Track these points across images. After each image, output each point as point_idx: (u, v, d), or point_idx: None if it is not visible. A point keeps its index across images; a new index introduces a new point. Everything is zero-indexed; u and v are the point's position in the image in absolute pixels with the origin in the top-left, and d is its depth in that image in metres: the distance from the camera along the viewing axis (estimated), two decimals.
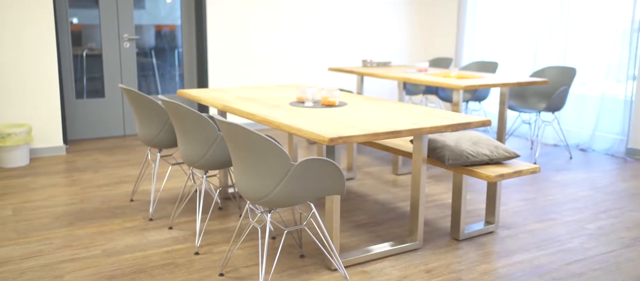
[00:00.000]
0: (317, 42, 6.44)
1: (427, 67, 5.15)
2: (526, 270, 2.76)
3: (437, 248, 3.01)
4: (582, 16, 5.33)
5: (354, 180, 4.31)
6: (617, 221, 3.43)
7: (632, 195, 3.96)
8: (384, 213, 3.56)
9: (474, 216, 3.52)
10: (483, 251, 2.99)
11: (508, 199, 3.87)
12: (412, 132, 2.55)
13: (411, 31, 7.03)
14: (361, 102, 3.35)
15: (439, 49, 7.01)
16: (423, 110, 3.06)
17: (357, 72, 5.21)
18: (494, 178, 2.85)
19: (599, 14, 5.19)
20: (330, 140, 2.31)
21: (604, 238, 3.16)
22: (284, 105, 3.18)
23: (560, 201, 3.84)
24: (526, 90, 5.28)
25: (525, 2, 5.86)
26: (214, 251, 2.93)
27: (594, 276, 2.70)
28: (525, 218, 3.48)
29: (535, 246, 3.05)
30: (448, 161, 2.97)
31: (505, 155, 3.06)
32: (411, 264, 2.82)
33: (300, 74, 6.38)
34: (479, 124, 2.80)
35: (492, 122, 6.34)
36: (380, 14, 6.77)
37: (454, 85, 4.20)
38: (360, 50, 6.73)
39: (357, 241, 3.10)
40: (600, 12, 5.19)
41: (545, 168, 4.70)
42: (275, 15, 6.14)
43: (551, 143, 5.67)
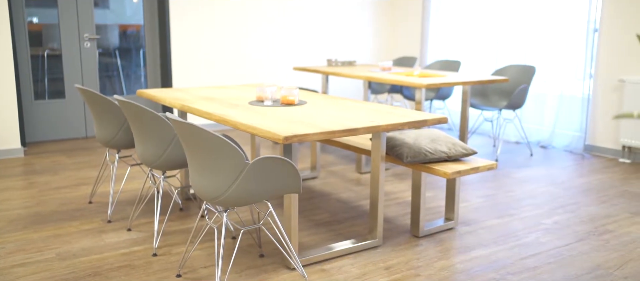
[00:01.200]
0: (283, 41, 6.43)
1: (390, 66, 5.18)
2: (483, 265, 2.80)
3: (397, 245, 3.03)
4: (542, 16, 5.44)
5: (317, 178, 4.32)
6: (573, 216, 3.51)
7: (588, 190, 4.05)
8: (345, 211, 3.57)
9: (435, 213, 3.55)
10: (442, 247, 3.02)
11: (469, 196, 3.92)
12: (369, 129, 2.56)
13: (377, 30, 7.08)
14: (321, 100, 3.35)
15: (404, 48, 7.07)
16: (381, 108, 3.08)
17: (321, 71, 5.21)
18: (451, 175, 2.88)
19: (559, 14, 5.30)
20: (284, 138, 2.30)
21: (559, 233, 3.23)
22: (244, 104, 3.16)
23: (519, 197, 3.90)
24: (488, 88, 5.36)
25: (489, 2, 5.95)
26: (172, 252, 2.90)
27: (548, 270, 2.75)
28: (484, 215, 3.53)
29: (493, 242, 3.10)
30: (406, 158, 2.99)
31: (462, 152, 3.10)
32: (370, 261, 2.83)
33: (265, 73, 6.36)
34: (436, 122, 2.83)
35: (455, 120, 6.42)
36: (346, 13, 6.79)
37: (415, 83, 4.24)
38: (326, 50, 6.75)
39: (317, 239, 3.10)
40: (559, 12, 5.29)
41: (506, 165, 4.78)
42: (240, 15, 6.11)
43: (513, 141, 5.77)
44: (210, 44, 6.00)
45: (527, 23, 5.56)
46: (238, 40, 6.15)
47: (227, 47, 6.09)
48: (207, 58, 6.00)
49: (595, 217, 3.49)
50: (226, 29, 6.05)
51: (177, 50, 5.83)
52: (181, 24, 5.80)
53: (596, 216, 3.51)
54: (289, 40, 6.46)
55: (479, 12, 6.06)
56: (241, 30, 6.15)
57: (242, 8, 6.10)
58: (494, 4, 5.88)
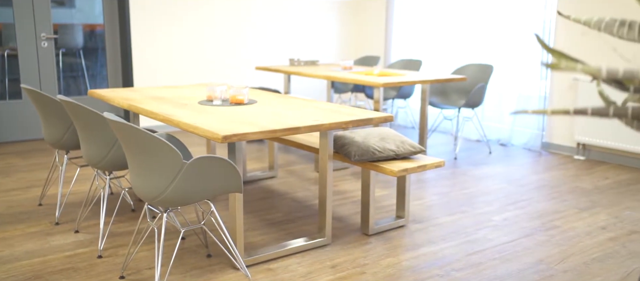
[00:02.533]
0: (246, 41, 6.41)
1: (351, 65, 5.20)
2: (429, 262, 2.83)
3: (346, 244, 3.05)
4: (501, 16, 5.51)
5: (275, 178, 4.31)
6: (522, 213, 3.56)
7: (541, 187, 4.12)
8: (299, 210, 3.58)
9: (389, 211, 3.58)
10: (390, 245, 3.04)
11: (425, 193, 3.96)
12: (311, 128, 2.57)
13: (341, 30, 7.10)
14: (272, 100, 3.35)
15: (368, 48, 7.10)
16: (330, 108, 3.09)
17: (283, 71, 5.21)
18: (397, 173, 2.91)
19: (517, 14, 5.38)
20: (223, 138, 2.30)
21: (507, 229, 3.28)
22: (193, 104, 3.14)
23: (473, 194, 3.95)
24: (447, 87, 5.41)
25: (450, 3, 6.01)
26: (118, 254, 2.87)
27: (491, 265, 2.79)
28: (437, 212, 3.57)
29: (441, 239, 3.13)
30: (354, 157, 3.01)
31: (411, 150, 3.12)
32: (317, 260, 2.84)
33: (227, 73, 6.34)
34: (382, 120, 2.85)
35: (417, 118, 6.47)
36: (310, 12, 6.80)
37: (373, 82, 4.26)
38: (291, 49, 6.74)
39: (268, 239, 3.10)
40: (517, 12, 5.37)
41: (464, 163, 4.84)
42: (202, 14, 6.07)
43: (474, 139, 5.83)
44: (172, 44, 5.95)
45: (486, 23, 5.63)
46: (200, 40, 6.11)
47: (189, 47, 6.05)
48: (168, 57, 5.95)
49: (543, 213, 3.55)
50: (188, 28, 6.01)
51: (138, 49, 5.77)
52: (142, 23, 5.75)
53: (545, 212, 3.57)
54: (252, 40, 6.45)
55: (442, 12, 6.11)
56: (203, 30, 6.11)
57: (204, 7, 6.07)
58: (455, 4, 5.94)
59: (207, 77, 6.21)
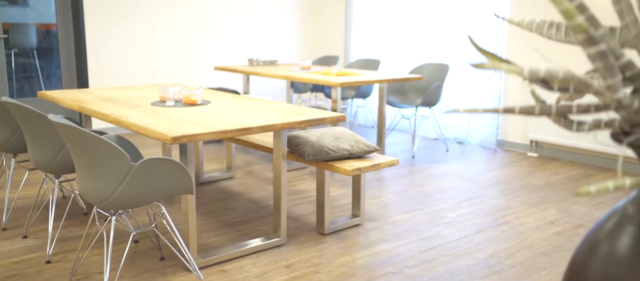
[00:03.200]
0: (204, 41, 6.35)
1: (310, 65, 5.21)
2: (383, 260, 2.86)
3: (301, 244, 3.05)
4: (457, 15, 5.60)
5: (233, 179, 4.29)
6: (476, 209, 3.63)
7: (495, 184, 4.21)
8: (256, 211, 3.57)
9: (344, 210, 3.60)
10: (345, 243, 3.06)
11: (382, 192, 3.99)
12: (263, 128, 2.56)
13: (301, 30, 7.10)
14: (226, 100, 3.33)
15: (328, 47, 7.13)
16: (284, 108, 3.09)
17: (241, 71, 5.19)
18: (351, 172, 2.93)
19: (473, 14, 5.48)
20: (173, 139, 2.27)
21: (460, 226, 3.34)
22: (145, 104, 3.10)
23: (429, 192, 4.01)
24: (405, 86, 5.48)
25: (409, 2, 6.08)
26: (68, 259, 2.81)
27: (443, 262, 2.84)
28: (393, 210, 3.61)
29: (396, 237, 3.17)
30: (308, 156, 3.02)
31: (365, 149, 3.15)
32: (272, 260, 2.84)
33: (186, 74, 6.27)
34: (334, 120, 2.87)
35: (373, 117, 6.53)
36: (270, 12, 6.78)
37: (330, 82, 4.28)
38: (251, 49, 6.71)
39: (223, 240, 3.08)
40: (472, 12, 5.47)
41: (422, 161, 4.90)
42: (159, 13, 5.99)
43: (432, 138, 5.92)
44: (128, 44, 5.85)
45: (443, 23, 5.72)
46: (158, 40, 6.03)
47: (146, 47, 5.97)
48: (125, 58, 5.85)
49: (496, 209, 3.63)
50: (145, 27, 5.92)
51: (92, 49, 5.65)
52: (96, 22, 5.64)
53: (497, 208, 3.65)
54: (211, 40, 6.39)
55: (400, 12, 6.18)
56: (161, 29, 6.03)
57: (162, 6, 5.99)
58: (413, 5, 6.01)
59: (165, 77, 6.14)
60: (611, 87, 0.97)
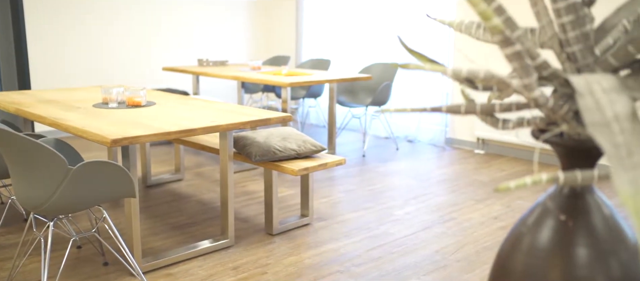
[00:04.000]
0: (153, 41, 6.24)
1: (260, 65, 5.19)
2: (330, 259, 2.88)
3: (249, 245, 3.04)
4: (407, 15, 5.69)
5: (182, 181, 4.23)
6: (423, 206, 3.70)
7: (442, 181, 4.29)
8: (205, 212, 3.53)
9: (294, 210, 3.60)
10: (294, 243, 3.06)
11: (332, 191, 4.02)
12: (207, 129, 2.54)
13: (252, 30, 7.07)
14: (172, 101, 3.29)
15: (279, 47, 7.12)
16: (230, 108, 3.07)
17: (190, 72, 5.12)
18: (298, 172, 2.93)
19: (420, 14, 5.57)
20: (112, 141, 2.23)
21: (407, 223, 3.39)
22: (87, 107, 3.02)
23: (378, 190, 4.06)
24: (355, 86, 5.52)
25: (359, 2, 6.13)
26: (5, 267, 2.71)
27: (390, 259, 2.88)
28: (342, 209, 3.63)
29: (344, 235, 3.19)
30: (255, 157, 3.01)
31: (312, 149, 3.16)
32: (219, 262, 2.81)
33: (134, 74, 6.15)
34: (279, 120, 2.87)
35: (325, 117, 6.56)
36: (220, 12, 6.72)
37: (280, 82, 4.28)
38: (202, 49, 6.63)
39: (170, 243, 3.04)
40: (421, 12, 5.56)
41: (372, 160, 4.95)
42: (105, 12, 5.85)
43: (383, 136, 5.99)
44: (73, 44, 5.69)
45: (393, 23, 5.79)
46: (104, 40, 5.88)
47: (92, 47, 5.81)
48: (69, 59, 5.69)
49: (443, 206, 3.70)
50: (91, 27, 5.77)
51: (34, 50, 5.47)
52: (38, 21, 5.46)
53: (444, 205, 3.72)
54: (160, 40, 6.29)
55: (350, 12, 6.23)
56: (108, 29, 5.89)
57: (108, 5, 5.85)
58: (363, 5, 6.07)
59: (112, 79, 6.00)
60: (527, 86, 1.00)
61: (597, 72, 1.06)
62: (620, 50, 1.01)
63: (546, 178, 0.99)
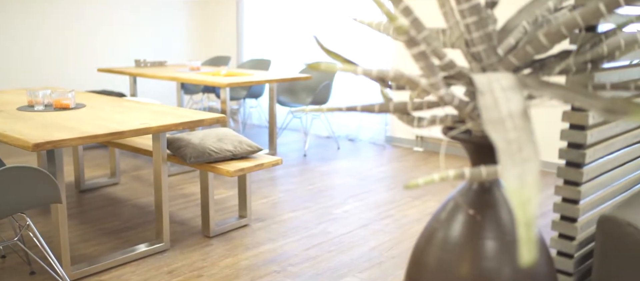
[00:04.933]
0: (88, 41, 6.05)
1: (199, 65, 5.13)
2: (267, 259, 2.87)
3: (185, 248, 2.99)
4: (345, 15, 5.74)
5: (118, 184, 4.12)
6: (362, 204, 3.74)
7: (381, 179, 4.36)
8: (140, 216, 3.45)
9: (233, 212, 3.57)
10: (231, 245, 3.04)
11: (271, 191, 4.01)
12: (136, 132, 2.49)
13: (191, 30, 6.96)
14: (103, 103, 3.20)
15: (220, 48, 7.04)
16: (163, 110, 3.01)
17: (126, 73, 5.00)
18: (233, 173, 2.91)
19: (358, 14, 5.63)
20: (34, 146, 2.15)
21: (345, 221, 3.42)
22: (10, 110, 2.90)
23: (318, 189, 4.08)
24: (296, 85, 5.53)
25: (299, 3, 6.14)
26: None
27: (327, 258, 2.90)
28: (281, 209, 3.63)
29: (282, 236, 3.19)
30: (190, 159, 2.97)
31: (248, 149, 3.14)
32: (154, 267, 2.76)
33: (69, 76, 5.94)
34: (213, 121, 2.84)
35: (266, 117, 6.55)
36: (159, 11, 6.59)
37: (218, 83, 4.24)
38: (140, 50, 6.48)
39: (102, 249, 2.96)
40: (359, 12, 5.63)
41: (313, 159, 4.97)
42: (38, 11, 5.63)
43: (325, 136, 6.02)
44: (2, 46, 5.44)
45: (333, 22, 5.84)
46: (36, 42, 5.66)
47: (23, 49, 5.58)
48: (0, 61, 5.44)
49: (381, 203, 3.76)
50: (23, 27, 5.54)
51: None
52: None
53: (382, 202, 3.78)
54: (95, 40, 6.10)
55: (291, 12, 6.23)
56: (39, 31, 5.67)
57: (41, 4, 5.63)
58: (304, 4, 6.09)
59: (47, 81, 5.78)
60: (433, 85, 1.03)
61: (500, 71, 1.10)
62: (521, 51, 1.05)
63: (453, 174, 1.02)
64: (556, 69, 1.09)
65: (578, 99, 0.94)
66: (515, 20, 1.13)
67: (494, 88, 0.94)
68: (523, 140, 0.82)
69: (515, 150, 0.81)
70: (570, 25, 0.99)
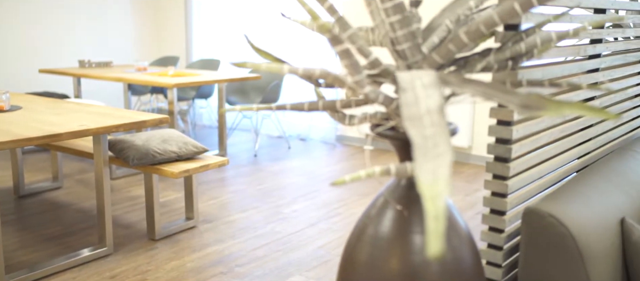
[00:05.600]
0: (28, 41, 5.85)
1: (146, 66, 5.03)
2: (214, 260, 2.84)
3: (129, 252, 2.93)
4: (298, 13, 5.74)
5: (61, 189, 4.00)
6: (311, 203, 3.75)
7: (331, 178, 4.38)
8: (83, 221, 3.36)
9: (181, 214, 3.52)
10: (177, 247, 3.00)
11: (220, 192, 3.97)
12: (74, 134, 2.42)
13: (140, 29, 6.82)
14: (41, 105, 3.10)
15: (169, 48, 6.93)
16: (104, 111, 2.94)
17: (69, 73, 4.86)
18: (178, 174, 2.87)
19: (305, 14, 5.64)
20: None
21: (294, 221, 3.43)
22: None
23: (268, 189, 4.06)
24: (246, 85, 5.50)
25: (248, 3, 6.10)
26: None
27: (275, 257, 2.89)
28: (229, 210, 3.60)
29: (230, 237, 3.17)
30: (133, 161, 2.91)
31: (194, 150, 3.11)
32: (96, 272, 2.69)
33: (8, 77, 5.73)
34: (156, 122, 2.80)
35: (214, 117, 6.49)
36: (104, 10, 6.42)
37: (165, 83, 4.17)
38: (85, 50, 6.31)
39: (42, 255, 2.86)
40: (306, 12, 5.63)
41: (264, 159, 4.96)
42: None
43: (276, 135, 6.01)
44: None
45: (284, 21, 5.83)
46: None
47: None
48: None
49: (329, 202, 3.78)
50: None
51: None
52: None
53: (331, 201, 3.80)
54: (37, 40, 5.90)
55: (241, 11, 6.19)
56: None
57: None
58: (253, 4, 6.05)
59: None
60: (358, 82, 1.04)
61: (425, 69, 1.12)
62: (444, 49, 1.08)
63: (379, 170, 1.04)
64: (478, 66, 1.12)
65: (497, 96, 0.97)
66: (439, 19, 1.16)
67: (416, 85, 0.96)
68: (439, 136, 0.84)
69: (430, 146, 0.82)
70: (489, 23, 1.02)
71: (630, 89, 2.23)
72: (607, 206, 1.37)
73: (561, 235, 1.24)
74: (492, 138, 4.66)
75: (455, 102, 1.13)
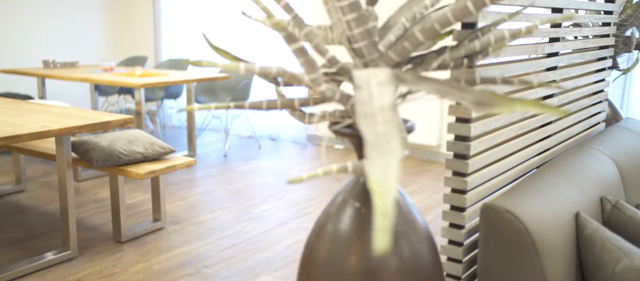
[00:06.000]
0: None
1: (113, 66, 4.96)
2: (181, 262, 2.82)
3: (95, 255, 2.89)
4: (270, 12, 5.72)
5: (24, 192, 3.92)
6: (280, 203, 3.75)
7: None
8: (47, 224, 3.29)
9: (149, 215, 3.48)
10: (144, 249, 2.96)
11: (189, 193, 3.93)
12: (34, 135, 2.37)
13: (106, 29, 6.72)
14: (0, 106, 3.03)
15: (138, 48, 6.84)
16: (66, 112, 2.89)
17: (33, 74, 4.76)
18: (143, 175, 2.84)
19: (278, 14, 5.63)
20: None
21: (263, 221, 3.41)
22: None
23: (238, 190, 4.04)
24: (215, 85, 5.46)
25: (217, 3, 6.06)
26: None
27: (243, 258, 2.88)
28: (198, 210, 3.57)
29: (198, 238, 3.14)
30: (97, 162, 2.86)
31: (160, 151, 3.07)
32: (60, 276, 2.64)
33: None
34: (121, 123, 2.76)
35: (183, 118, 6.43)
36: (70, 9, 6.30)
37: (131, 83, 4.11)
38: (50, 49, 6.18)
39: (4, 260, 2.80)
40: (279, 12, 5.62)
41: (234, 159, 4.93)
42: None
43: (246, 135, 5.99)
44: None
45: (241, 21, 5.81)
46: None
47: None
48: None
49: (299, 201, 3.77)
50: None
51: None
52: None
53: (300, 200, 3.80)
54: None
55: (210, 11, 6.14)
56: None
57: None
58: (222, 3, 6.02)
59: None
60: (314, 80, 1.04)
61: (381, 66, 1.13)
62: (399, 47, 1.09)
63: (336, 168, 1.04)
64: (434, 64, 1.14)
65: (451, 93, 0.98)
66: (396, 17, 1.17)
67: (371, 83, 0.97)
68: (391, 133, 0.84)
69: (382, 143, 0.83)
70: (443, 22, 1.04)
71: (588, 87, 2.28)
72: (562, 201, 1.40)
73: (517, 230, 1.26)
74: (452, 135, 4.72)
75: (412, 100, 1.14)
